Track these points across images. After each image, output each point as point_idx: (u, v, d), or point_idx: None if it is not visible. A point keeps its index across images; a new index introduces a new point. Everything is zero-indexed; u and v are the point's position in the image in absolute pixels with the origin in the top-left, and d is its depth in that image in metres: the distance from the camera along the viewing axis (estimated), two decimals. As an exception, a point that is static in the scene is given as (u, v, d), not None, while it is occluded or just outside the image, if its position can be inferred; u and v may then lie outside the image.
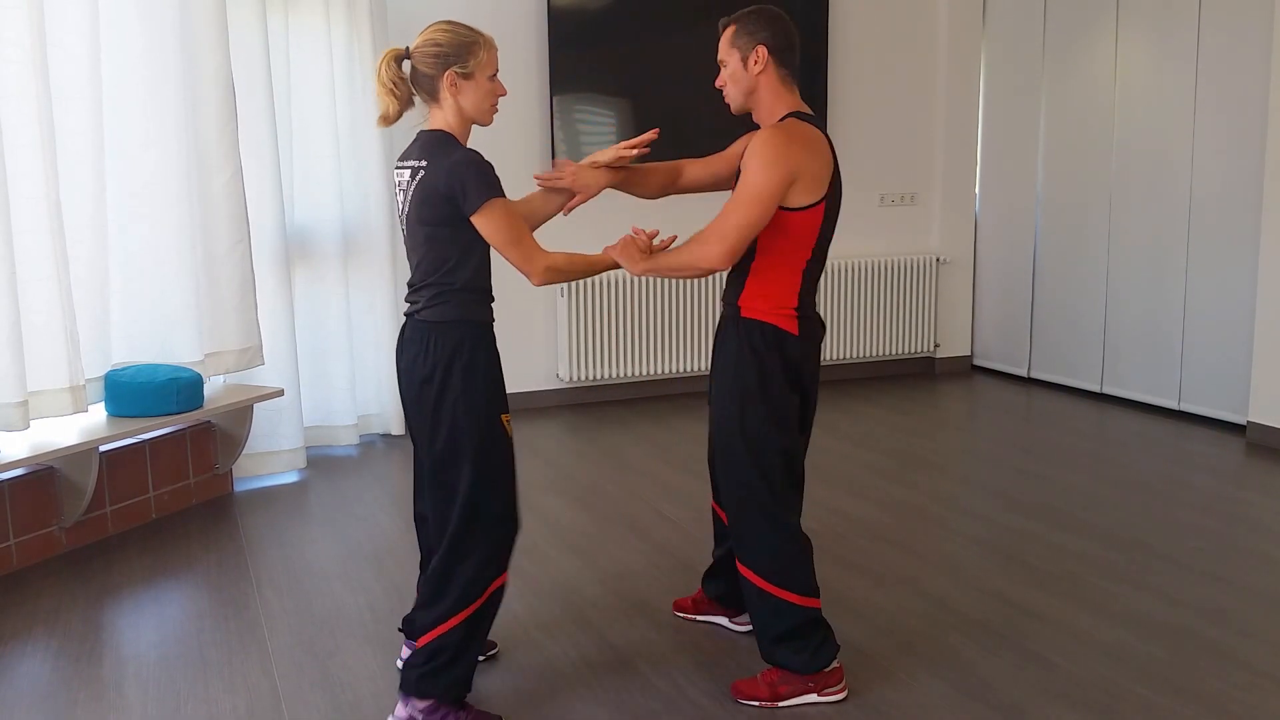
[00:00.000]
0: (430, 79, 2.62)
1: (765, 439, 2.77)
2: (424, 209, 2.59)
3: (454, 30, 2.64)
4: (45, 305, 3.81)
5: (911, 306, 6.89)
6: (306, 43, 5.11)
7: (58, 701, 2.90)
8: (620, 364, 6.19)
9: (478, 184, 2.53)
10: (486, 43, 2.66)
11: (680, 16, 6.09)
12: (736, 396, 2.78)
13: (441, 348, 2.61)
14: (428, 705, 2.66)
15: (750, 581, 2.82)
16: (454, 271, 2.61)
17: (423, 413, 2.68)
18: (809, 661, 2.79)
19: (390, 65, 2.64)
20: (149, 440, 4.34)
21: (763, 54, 2.72)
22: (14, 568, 3.82)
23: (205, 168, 4.44)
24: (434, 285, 2.63)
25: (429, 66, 2.62)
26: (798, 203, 2.66)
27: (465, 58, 2.61)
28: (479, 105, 2.67)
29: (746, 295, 2.76)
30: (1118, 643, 3.16)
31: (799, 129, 2.69)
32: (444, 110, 2.66)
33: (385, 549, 4.01)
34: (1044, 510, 4.34)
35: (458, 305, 2.63)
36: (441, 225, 2.59)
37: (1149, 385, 6.00)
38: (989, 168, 7.01)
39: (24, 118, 3.71)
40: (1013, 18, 6.73)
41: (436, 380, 2.62)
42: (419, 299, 2.67)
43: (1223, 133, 5.49)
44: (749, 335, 2.75)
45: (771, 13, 2.77)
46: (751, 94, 2.77)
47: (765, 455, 2.78)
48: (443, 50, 2.61)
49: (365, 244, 5.37)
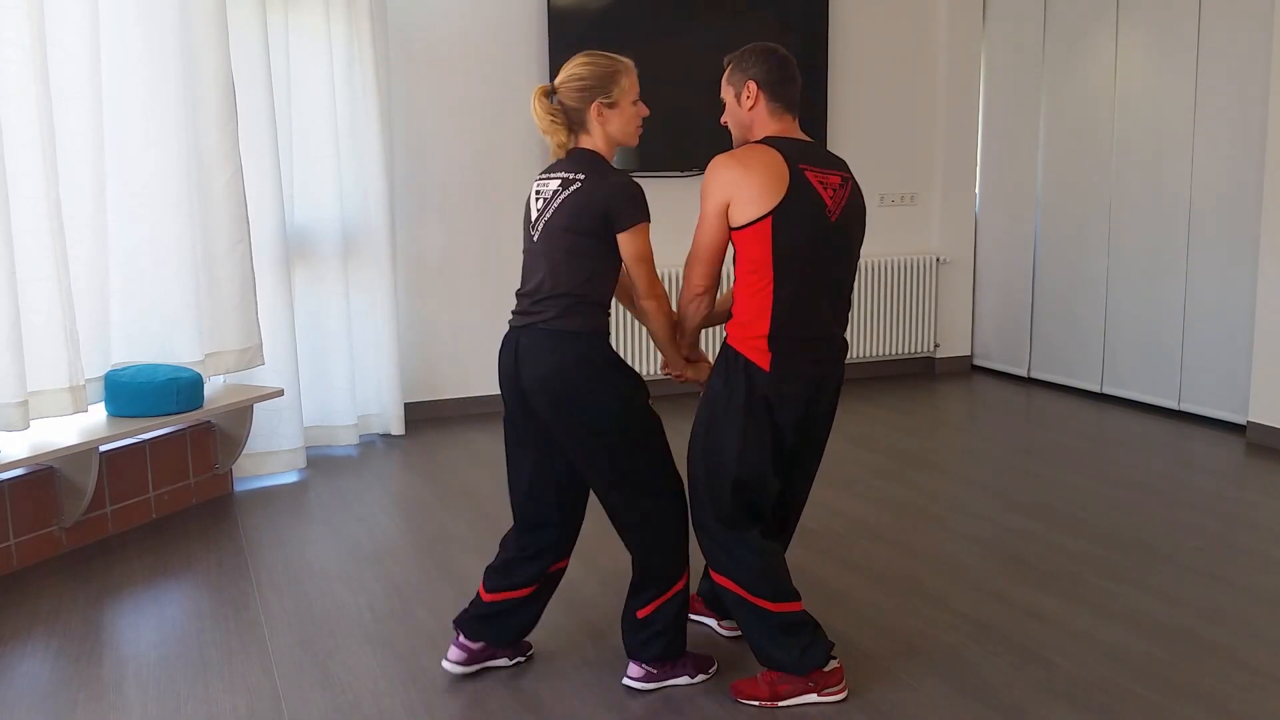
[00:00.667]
0: (579, 111, 2.75)
1: (718, 466, 2.78)
2: (579, 219, 2.70)
3: (595, 62, 2.76)
4: (45, 305, 3.81)
5: (912, 306, 6.89)
6: (306, 42, 5.11)
7: (58, 702, 2.90)
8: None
9: (636, 207, 2.69)
10: (627, 69, 2.78)
11: (680, 17, 6.09)
12: (702, 419, 2.83)
13: (573, 355, 2.72)
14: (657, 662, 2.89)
15: (728, 589, 2.85)
16: (590, 283, 2.73)
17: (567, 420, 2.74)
18: (799, 661, 2.80)
19: (541, 100, 2.78)
20: (149, 440, 4.34)
21: (752, 89, 2.80)
22: (14, 568, 3.82)
23: (205, 168, 4.44)
24: (569, 295, 2.72)
25: (575, 100, 2.74)
26: (742, 220, 2.69)
27: (610, 87, 2.74)
28: (624, 129, 2.80)
29: (731, 321, 2.80)
30: (1118, 643, 3.16)
31: (743, 151, 2.76)
32: (592, 136, 2.78)
33: (385, 549, 4.01)
34: (1044, 510, 4.34)
35: (589, 316, 2.74)
36: (589, 237, 2.70)
37: (1149, 385, 6.00)
38: (989, 168, 7.01)
39: (24, 117, 3.71)
40: (1013, 18, 6.73)
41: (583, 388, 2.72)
42: (547, 308, 2.73)
43: (1223, 133, 5.49)
44: (723, 360, 2.80)
45: (764, 49, 2.83)
46: (747, 128, 2.84)
47: (717, 483, 2.79)
48: (587, 84, 2.73)
49: (365, 244, 5.37)
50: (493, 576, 2.96)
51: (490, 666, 3.04)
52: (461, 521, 4.28)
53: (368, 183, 5.33)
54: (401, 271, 5.74)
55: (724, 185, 2.69)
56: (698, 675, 2.94)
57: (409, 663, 3.09)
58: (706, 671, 2.97)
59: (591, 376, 2.72)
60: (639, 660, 2.90)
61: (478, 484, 4.78)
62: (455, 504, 4.52)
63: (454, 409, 5.99)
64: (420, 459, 5.21)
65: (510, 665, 3.06)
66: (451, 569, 3.79)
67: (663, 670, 2.90)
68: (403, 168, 5.73)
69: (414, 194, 5.79)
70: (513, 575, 2.94)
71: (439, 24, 5.77)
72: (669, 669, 2.91)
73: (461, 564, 3.83)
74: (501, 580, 2.95)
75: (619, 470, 2.79)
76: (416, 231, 5.82)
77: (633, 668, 2.91)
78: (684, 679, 2.93)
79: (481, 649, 3.00)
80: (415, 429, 5.72)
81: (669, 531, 2.85)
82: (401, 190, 5.73)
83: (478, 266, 5.91)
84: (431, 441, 5.50)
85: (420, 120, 5.76)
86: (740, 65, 2.81)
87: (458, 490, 4.70)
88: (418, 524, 4.29)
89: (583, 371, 2.71)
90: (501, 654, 3.04)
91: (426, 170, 5.80)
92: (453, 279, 5.92)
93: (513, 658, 3.06)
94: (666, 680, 2.91)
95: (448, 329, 5.95)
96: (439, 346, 5.93)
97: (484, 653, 3.01)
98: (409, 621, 3.36)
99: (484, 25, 5.84)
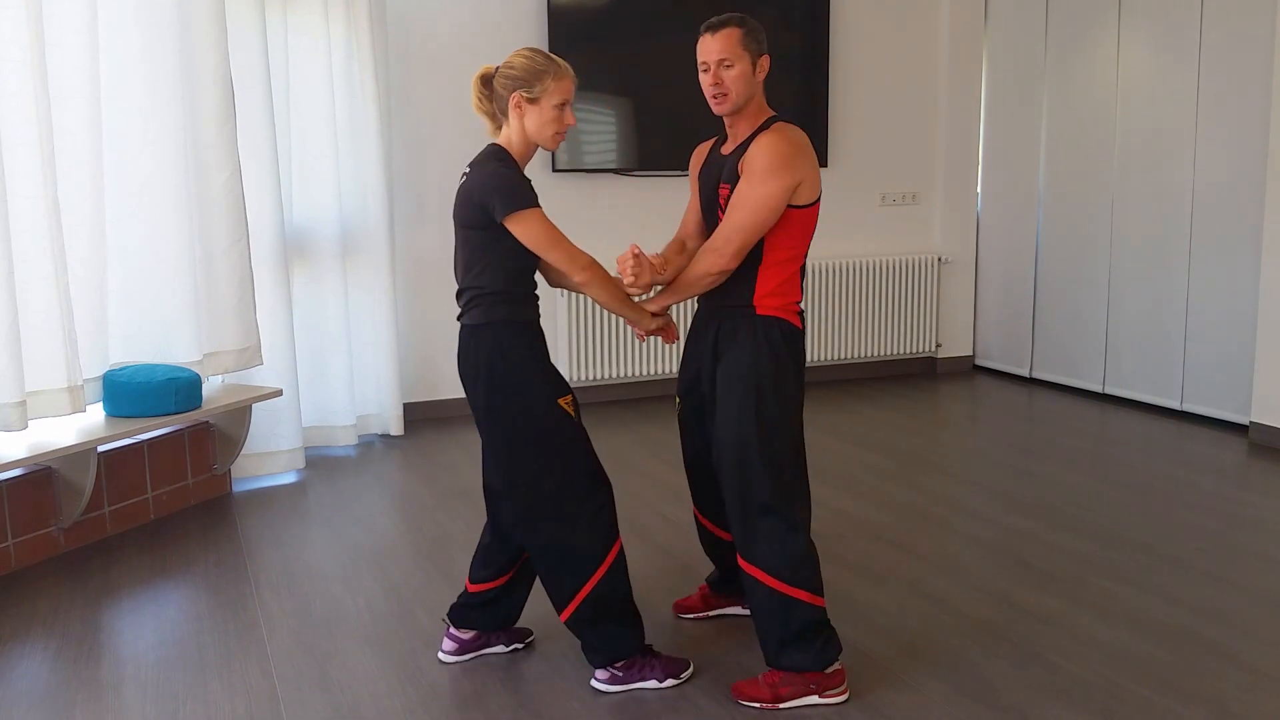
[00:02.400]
0: (502, 98, 2.82)
1: (780, 436, 2.81)
2: (463, 211, 2.78)
3: (532, 57, 2.80)
4: (43, 305, 3.80)
5: (913, 306, 6.88)
6: (305, 42, 5.11)
7: (56, 702, 2.89)
8: (620, 364, 6.19)
9: (509, 194, 2.70)
10: (560, 73, 2.79)
11: (680, 16, 6.08)
12: (752, 392, 2.80)
13: (483, 349, 2.78)
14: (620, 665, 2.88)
15: (759, 581, 2.79)
16: (484, 275, 2.77)
17: (480, 410, 2.82)
18: (815, 659, 2.79)
19: (477, 83, 2.87)
20: (147, 440, 4.33)
21: (767, 63, 2.84)
22: (12, 568, 3.81)
23: (203, 167, 4.43)
24: (471, 289, 2.80)
25: (502, 87, 2.81)
26: (803, 200, 2.79)
27: (533, 83, 2.77)
28: (541, 130, 2.80)
29: (760, 293, 2.82)
30: (1119, 643, 3.15)
31: (799, 135, 2.82)
32: (509, 128, 2.83)
33: (384, 549, 4.00)
34: (1045, 510, 4.33)
35: (489, 308, 2.77)
36: (474, 229, 2.76)
37: (1151, 385, 5.99)
38: (991, 167, 7.00)
39: (22, 117, 3.70)
40: (1014, 16, 6.72)
41: (482, 380, 2.77)
42: (461, 304, 2.84)
43: (1225, 132, 5.48)
44: (767, 332, 2.81)
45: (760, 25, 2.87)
46: (748, 99, 2.85)
47: (780, 452, 2.81)
48: (515, 73, 2.78)
49: (364, 244, 5.36)
50: (474, 568, 3.07)
51: (486, 655, 3.09)
52: (460, 522, 4.27)
53: (367, 182, 5.32)
54: (400, 271, 5.73)
55: (801, 168, 2.75)
56: (666, 680, 2.89)
57: (408, 663, 3.08)
58: (678, 676, 2.91)
59: (489, 366, 2.76)
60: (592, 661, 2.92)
61: (476, 484, 4.72)
62: (454, 504, 4.51)
63: (453, 409, 5.98)
64: (419, 459, 5.20)
65: (507, 651, 3.12)
66: (450, 569, 3.78)
67: (628, 672, 2.88)
68: (401, 167, 5.72)
69: (413, 193, 5.78)
70: (490, 565, 3.03)
71: (439, 24, 5.76)
72: (634, 670, 2.89)
73: (460, 564, 3.82)
74: (481, 570, 3.05)
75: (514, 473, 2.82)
76: (415, 231, 5.81)
77: (596, 669, 2.92)
78: (651, 683, 2.88)
79: (473, 638, 3.08)
80: (414, 429, 5.71)
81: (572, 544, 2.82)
82: (400, 190, 5.72)
83: (478, 266, 5.90)
84: (430, 442, 5.49)
85: (419, 120, 5.76)
86: (756, 36, 2.82)
87: (456, 490, 4.69)
88: (417, 524, 4.28)
89: (488, 364, 2.77)
90: (495, 641, 3.10)
91: (425, 170, 5.79)
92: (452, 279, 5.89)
93: (508, 644, 3.12)
94: (632, 683, 2.88)
95: (447, 329, 5.94)
96: (438, 346, 5.92)
97: (476, 641, 3.08)
98: (408, 622, 3.35)
99: (484, 25, 5.84)
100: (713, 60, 2.79)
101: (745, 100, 2.82)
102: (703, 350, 2.96)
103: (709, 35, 2.80)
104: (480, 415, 2.83)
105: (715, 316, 2.92)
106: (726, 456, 2.84)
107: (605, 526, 2.84)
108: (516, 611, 3.10)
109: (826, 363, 6.74)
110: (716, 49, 2.78)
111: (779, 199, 2.73)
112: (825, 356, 6.70)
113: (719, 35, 2.79)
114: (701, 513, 3.23)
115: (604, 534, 2.84)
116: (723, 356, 2.87)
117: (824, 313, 6.63)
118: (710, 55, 2.79)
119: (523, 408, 2.77)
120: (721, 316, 2.89)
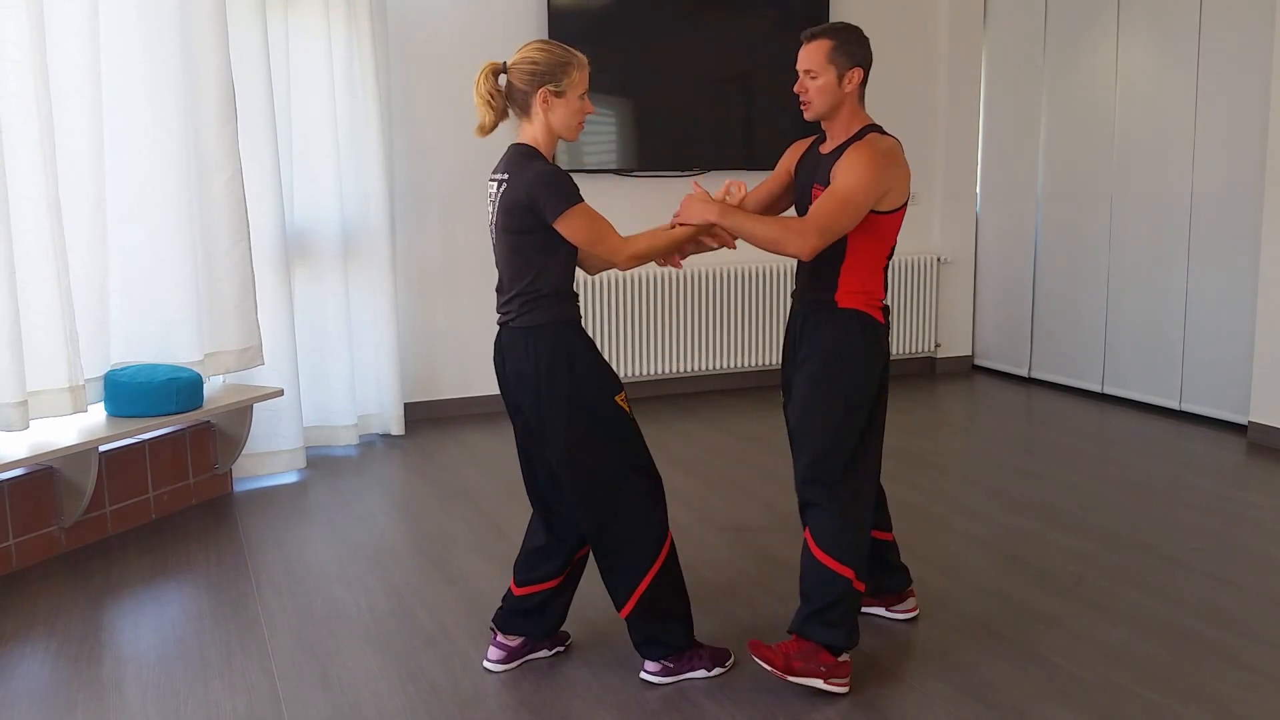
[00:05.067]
0: (525, 94, 2.73)
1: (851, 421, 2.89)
2: (509, 218, 2.73)
3: (550, 50, 2.74)
4: (45, 305, 3.80)
5: (912, 306, 6.89)
6: (306, 43, 5.11)
7: (57, 702, 2.89)
8: (621, 364, 6.19)
9: (556, 194, 2.66)
10: (580, 63, 2.76)
11: (681, 16, 6.08)
12: (828, 377, 2.89)
13: (542, 350, 2.75)
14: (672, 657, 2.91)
15: (809, 547, 2.88)
16: (541, 277, 2.74)
17: (540, 413, 2.79)
18: (841, 638, 2.85)
19: (488, 78, 2.75)
20: (148, 440, 4.33)
21: (858, 76, 2.90)
22: (13, 568, 3.82)
23: (205, 168, 4.43)
24: (525, 293, 2.75)
25: (524, 83, 2.72)
26: (888, 207, 2.89)
27: (560, 77, 2.72)
28: (567, 122, 2.77)
29: (843, 290, 2.91)
30: (1118, 643, 3.15)
31: (890, 146, 2.90)
32: (533, 125, 2.77)
33: (385, 549, 4.00)
34: (1045, 510, 4.34)
35: (547, 309, 2.76)
36: (525, 233, 2.72)
37: (1150, 385, 6.00)
38: (990, 167, 7.01)
39: (24, 117, 3.70)
40: (1014, 17, 6.72)
41: (544, 381, 2.76)
42: (511, 308, 2.80)
43: (1224, 132, 5.49)
44: (848, 325, 2.91)
45: (863, 35, 2.94)
46: (836, 108, 2.92)
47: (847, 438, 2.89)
48: (539, 69, 2.71)
49: (365, 244, 5.36)
50: (520, 570, 3.03)
51: (531, 659, 3.09)
52: (461, 522, 4.28)
53: (367, 183, 5.32)
54: (401, 271, 5.74)
55: (888, 182, 2.83)
56: (714, 669, 2.96)
57: (408, 663, 3.08)
58: (724, 664, 2.98)
59: (549, 366, 2.75)
60: (646, 655, 2.95)
61: (477, 484, 4.78)
62: (455, 504, 4.51)
63: (454, 409, 5.99)
64: (420, 459, 5.21)
65: (550, 655, 3.11)
66: (451, 569, 3.78)
67: (679, 663, 2.93)
68: (402, 168, 5.73)
69: (414, 194, 5.79)
70: (540, 567, 3.00)
71: (439, 24, 5.77)
72: (684, 661, 2.93)
73: (461, 564, 3.82)
74: (530, 574, 3.01)
75: (577, 469, 2.81)
76: (416, 231, 5.82)
77: (647, 661, 2.94)
78: (700, 672, 2.94)
79: (521, 644, 3.06)
80: (415, 429, 5.72)
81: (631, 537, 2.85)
82: (401, 190, 5.72)
83: (477, 266, 5.90)
84: (431, 442, 5.50)
85: (420, 120, 5.76)
86: (847, 47, 2.87)
87: (457, 490, 4.70)
88: (417, 524, 4.29)
89: (548, 364, 2.75)
90: (540, 646, 3.10)
91: (426, 170, 5.79)
92: (452, 279, 5.92)
93: (552, 648, 3.12)
94: (682, 674, 2.93)
95: (447, 329, 5.95)
96: (439, 346, 5.92)
97: (524, 648, 3.06)
98: (409, 621, 3.36)
99: (484, 25, 5.84)
100: (801, 69, 2.90)
101: (829, 110, 2.91)
102: (790, 341, 3.09)
103: (804, 44, 2.91)
104: (539, 413, 2.79)
105: (803, 310, 3.03)
106: (797, 434, 2.98)
107: (660, 519, 2.88)
108: (563, 616, 3.09)
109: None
110: (805, 59, 2.89)
111: (867, 204, 2.81)
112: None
113: (810, 46, 2.90)
114: None
115: (659, 527, 2.88)
116: (804, 344, 2.98)
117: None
118: (800, 64, 2.90)
119: (586, 404, 2.77)
120: (808, 310, 3.00)
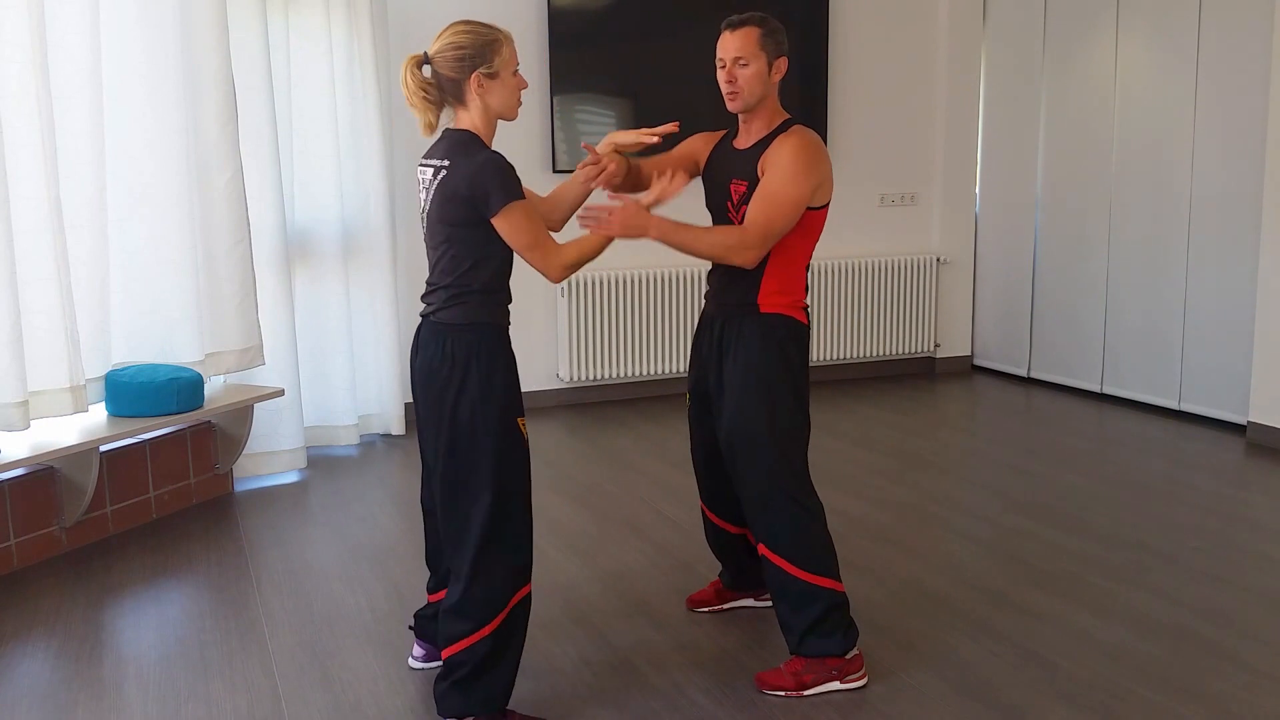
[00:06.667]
0: (456, 83, 2.58)
1: (793, 428, 2.88)
2: (446, 209, 2.56)
3: (473, 30, 2.58)
4: (45, 305, 3.81)
5: (911, 306, 6.89)
6: (307, 43, 5.11)
7: (58, 701, 2.90)
8: (620, 364, 6.19)
9: (500, 187, 2.49)
10: (506, 38, 2.61)
11: (680, 16, 6.09)
12: (764, 388, 2.85)
13: (458, 350, 2.59)
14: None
15: (781, 570, 2.85)
16: (472, 273, 2.58)
17: (439, 414, 2.64)
18: (838, 644, 2.85)
19: (414, 72, 2.61)
20: (149, 440, 4.33)
21: (784, 65, 2.86)
22: (14, 568, 3.82)
23: (205, 168, 4.44)
24: (452, 287, 2.59)
25: (453, 70, 2.56)
26: (819, 201, 2.85)
27: (490, 57, 2.56)
28: (506, 102, 2.62)
29: (765, 291, 2.85)
30: (1118, 643, 3.16)
31: (816, 138, 2.85)
32: (470, 112, 2.60)
33: (386, 549, 4.01)
34: (1044, 510, 4.34)
35: (474, 308, 2.60)
36: (462, 226, 2.55)
37: (1149, 385, 6.00)
38: (989, 167, 7.01)
39: (25, 117, 3.71)
40: (1013, 17, 6.73)
41: (454, 383, 2.59)
42: (435, 300, 2.64)
43: (1223, 132, 5.49)
44: (773, 329, 2.86)
45: (782, 26, 2.88)
46: (760, 99, 2.86)
47: (793, 444, 2.87)
48: (465, 52, 2.55)
49: (365, 244, 5.37)
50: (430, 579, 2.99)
51: None
52: (462, 521, 4.28)
53: (368, 182, 5.33)
54: (402, 271, 5.74)
55: (819, 175, 2.79)
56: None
57: (409, 661, 3.09)
58: None
59: (464, 369, 2.57)
60: (439, 711, 2.66)
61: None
62: (455, 504, 4.51)
63: (454, 409, 5.99)
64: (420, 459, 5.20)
65: None
66: (452, 569, 3.79)
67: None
68: (403, 168, 5.73)
69: (414, 194, 5.79)
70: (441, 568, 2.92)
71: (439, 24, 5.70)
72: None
73: (462, 564, 3.83)
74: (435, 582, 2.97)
75: (456, 468, 2.61)
76: (416, 231, 5.81)
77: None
78: None
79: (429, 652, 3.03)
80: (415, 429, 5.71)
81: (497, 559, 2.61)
82: (402, 190, 5.72)
83: (478, 266, 5.90)
84: (432, 441, 5.49)
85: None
86: (776, 37, 2.83)
87: (458, 490, 4.70)
88: (418, 524, 4.28)
89: (463, 365, 2.57)
90: None
91: (427, 170, 5.79)
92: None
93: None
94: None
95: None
96: (439, 346, 5.92)
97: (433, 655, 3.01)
98: (409, 620, 3.36)
99: (484, 25, 5.83)
100: (729, 57, 2.82)
101: (757, 100, 2.84)
102: (709, 348, 2.99)
103: (728, 32, 2.83)
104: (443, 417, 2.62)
105: (721, 314, 2.95)
106: (740, 449, 2.88)
107: (523, 564, 2.66)
108: None
109: (825, 363, 6.75)
110: (734, 46, 2.81)
111: (805, 200, 2.77)
112: (824, 356, 6.71)
113: (738, 33, 2.82)
114: (710, 509, 3.25)
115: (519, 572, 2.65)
116: (729, 353, 2.91)
117: (823, 313, 6.63)
118: (727, 52, 2.82)
119: (487, 418, 2.58)
120: (727, 314, 2.92)
